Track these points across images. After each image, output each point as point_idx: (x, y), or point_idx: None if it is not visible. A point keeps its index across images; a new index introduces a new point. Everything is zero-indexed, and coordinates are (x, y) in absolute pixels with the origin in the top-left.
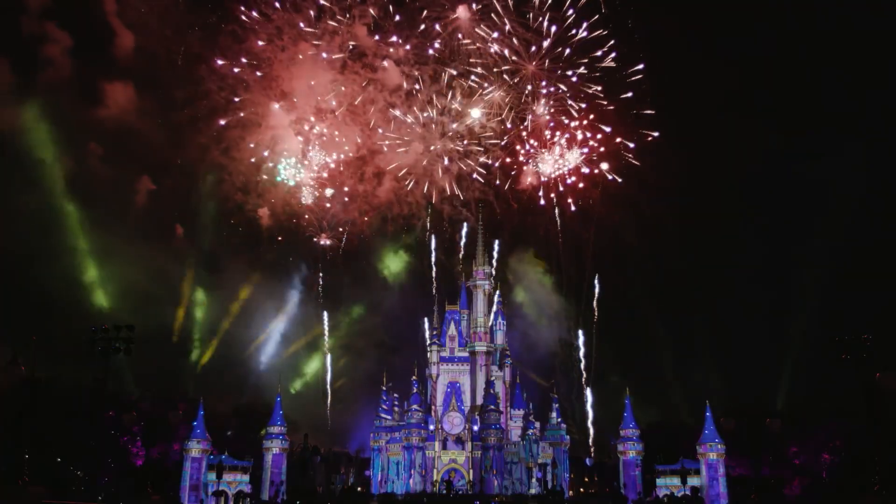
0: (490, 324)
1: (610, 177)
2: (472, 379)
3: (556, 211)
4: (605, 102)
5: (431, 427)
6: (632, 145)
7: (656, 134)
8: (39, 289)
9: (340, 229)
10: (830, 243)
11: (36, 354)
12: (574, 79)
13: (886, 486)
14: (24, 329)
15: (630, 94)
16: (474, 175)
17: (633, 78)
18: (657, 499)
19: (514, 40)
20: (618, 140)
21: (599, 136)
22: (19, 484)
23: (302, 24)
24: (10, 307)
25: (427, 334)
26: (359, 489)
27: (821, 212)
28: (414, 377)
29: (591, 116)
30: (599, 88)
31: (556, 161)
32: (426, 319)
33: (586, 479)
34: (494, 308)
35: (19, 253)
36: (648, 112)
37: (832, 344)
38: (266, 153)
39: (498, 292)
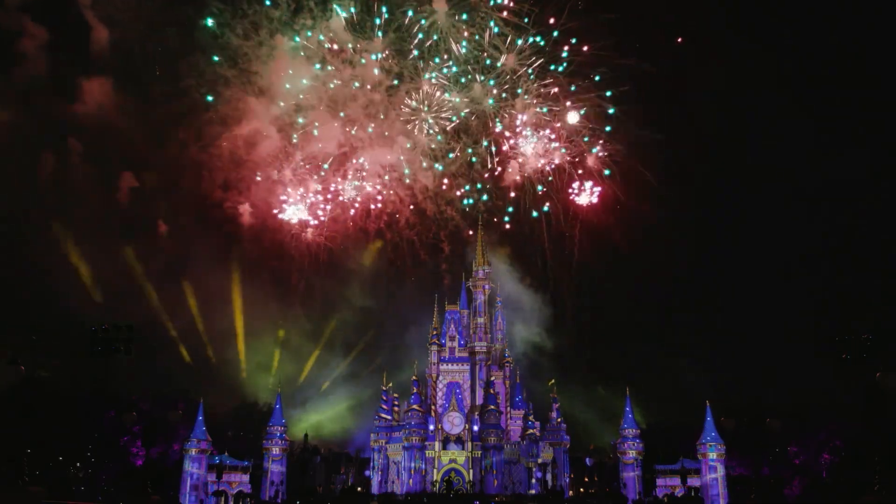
0: (490, 324)
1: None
2: (472, 379)
3: (534, 205)
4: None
5: (431, 427)
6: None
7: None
8: (31, 289)
9: (324, 228)
10: (832, 242)
11: (36, 354)
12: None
13: (886, 486)
14: (24, 328)
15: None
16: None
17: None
18: (657, 499)
19: (497, 32)
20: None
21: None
22: (19, 484)
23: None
24: (9, 307)
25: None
26: (359, 489)
27: (822, 210)
28: (414, 377)
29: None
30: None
31: (540, 155)
32: None
33: (586, 479)
34: (494, 308)
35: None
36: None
37: (832, 344)
38: (246, 149)
39: (498, 292)
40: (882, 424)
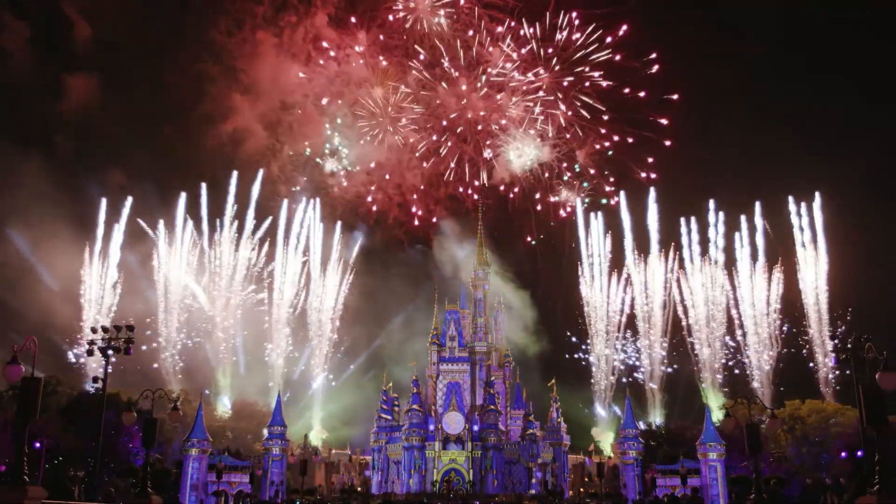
0: (490, 324)
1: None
2: (472, 379)
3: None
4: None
5: (431, 427)
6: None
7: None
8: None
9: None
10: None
11: (36, 354)
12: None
13: (886, 486)
14: (24, 328)
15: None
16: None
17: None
18: (657, 499)
19: (482, 27)
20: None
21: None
22: (19, 484)
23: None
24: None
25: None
26: (359, 489)
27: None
28: (414, 377)
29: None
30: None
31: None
32: None
33: (586, 479)
34: (494, 308)
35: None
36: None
37: (832, 343)
38: (233, 146)
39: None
40: (882, 424)
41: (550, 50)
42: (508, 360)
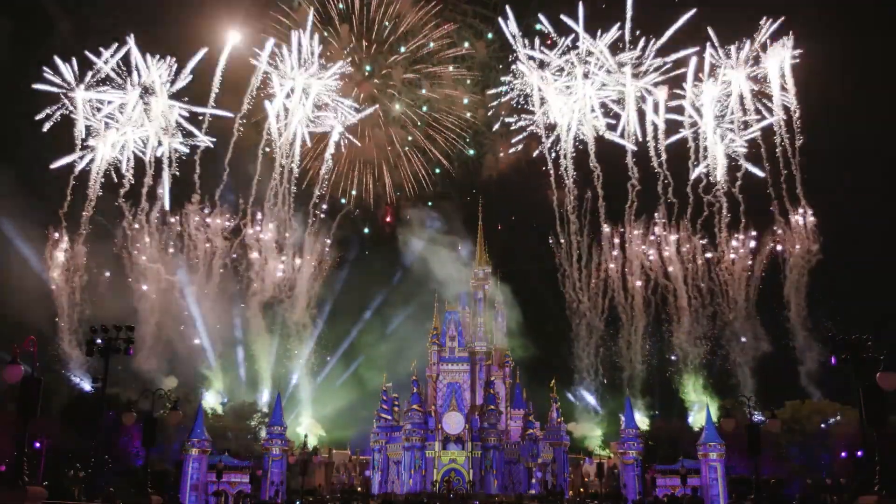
0: (490, 323)
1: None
2: (472, 379)
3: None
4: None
5: (431, 427)
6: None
7: None
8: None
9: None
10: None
11: (36, 354)
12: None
13: (886, 486)
14: (24, 328)
15: None
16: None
17: None
18: (657, 499)
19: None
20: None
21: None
22: (19, 484)
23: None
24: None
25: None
26: (359, 489)
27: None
28: (414, 377)
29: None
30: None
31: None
32: None
33: (586, 479)
34: (495, 307)
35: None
36: None
37: (832, 343)
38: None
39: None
40: (882, 424)
41: None
42: (508, 360)
